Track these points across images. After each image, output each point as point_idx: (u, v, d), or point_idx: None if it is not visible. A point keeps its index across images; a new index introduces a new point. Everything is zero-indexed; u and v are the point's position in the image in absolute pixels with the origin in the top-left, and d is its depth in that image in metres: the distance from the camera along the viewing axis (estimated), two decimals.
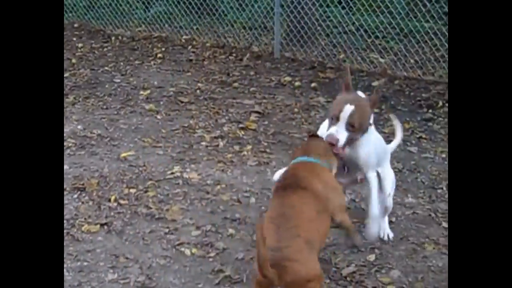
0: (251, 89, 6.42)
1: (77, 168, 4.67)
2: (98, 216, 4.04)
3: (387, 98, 6.04)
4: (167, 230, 3.89)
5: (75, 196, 4.27)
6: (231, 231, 3.88)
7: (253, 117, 5.68)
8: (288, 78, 6.68)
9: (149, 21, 8.80)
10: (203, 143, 5.14)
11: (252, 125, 5.50)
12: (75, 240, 3.77)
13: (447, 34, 6.54)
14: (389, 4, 7.02)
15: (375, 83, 6.35)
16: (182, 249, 3.70)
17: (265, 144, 5.14)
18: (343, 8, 7.45)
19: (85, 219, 4.00)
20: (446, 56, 6.61)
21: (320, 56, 7.20)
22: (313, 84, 6.52)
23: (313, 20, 7.42)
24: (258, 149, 5.04)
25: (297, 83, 6.54)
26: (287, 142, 5.18)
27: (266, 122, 5.58)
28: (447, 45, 6.50)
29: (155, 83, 6.61)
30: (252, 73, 6.91)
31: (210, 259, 3.60)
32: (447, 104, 5.72)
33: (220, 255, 3.64)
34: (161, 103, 6.05)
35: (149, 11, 9.04)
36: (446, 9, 6.88)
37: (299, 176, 3.05)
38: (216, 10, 8.44)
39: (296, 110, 5.86)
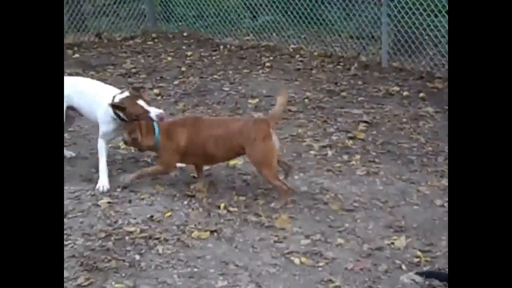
0: (359, 98, 6.34)
1: (187, 174, 4.76)
2: (208, 223, 4.09)
3: None
4: (276, 238, 3.89)
5: (185, 202, 4.34)
6: (340, 240, 3.83)
7: (361, 126, 5.61)
8: (396, 88, 6.55)
9: (257, 30, 8.89)
10: (312, 152, 5.12)
11: (361, 134, 5.42)
12: (185, 246, 3.83)
13: None
14: None
15: None
16: (291, 257, 3.68)
17: (374, 154, 5.06)
18: None
19: (195, 225, 4.05)
20: None
21: (429, 66, 7.03)
22: (421, 94, 6.36)
23: (421, 29, 7.23)
24: (366, 158, 4.97)
25: (405, 93, 6.41)
26: (396, 152, 5.07)
27: (374, 132, 5.49)
28: None
29: (264, 91, 6.66)
30: (360, 82, 6.82)
31: (320, 269, 3.57)
32: None
33: (329, 265, 3.59)
34: (270, 111, 6.06)
35: (257, 20, 9.13)
36: None
37: None
38: (324, 19, 8.41)
39: (404, 120, 5.73)
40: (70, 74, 7.22)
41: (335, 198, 4.35)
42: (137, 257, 3.66)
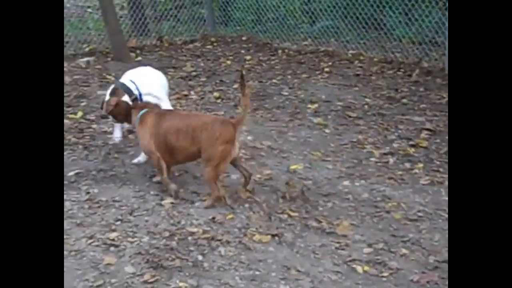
0: (421, 105, 6.25)
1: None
2: (269, 226, 4.08)
3: None
4: (338, 245, 3.85)
5: (247, 205, 4.35)
6: (404, 251, 3.77)
7: (424, 134, 5.52)
8: None
9: (315, 35, 8.86)
10: (372, 159, 5.07)
11: (423, 142, 5.34)
12: (247, 248, 3.83)
13: None
14: None
15: None
16: (354, 265, 3.64)
17: (438, 163, 4.97)
18: None
19: (256, 228, 4.05)
20: None
21: None
22: None
23: None
24: (430, 167, 4.88)
25: None
26: None
27: (438, 140, 5.40)
28: None
29: (323, 97, 6.63)
30: (421, 89, 6.73)
31: (384, 279, 3.51)
32: None
33: (393, 275, 3.54)
34: (329, 117, 6.05)
35: (315, 25, 9.11)
36: None
37: None
38: (384, 24, 8.33)
39: None
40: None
41: (397, 206, 4.29)
42: (200, 257, 3.68)
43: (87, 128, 5.73)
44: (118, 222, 4.05)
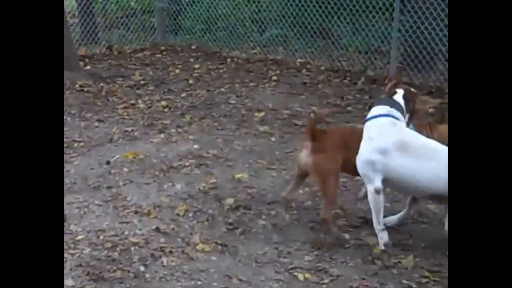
0: (365, 113, 6.31)
1: (193, 187, 4.77)
2: (212, 236, 4.09)
3: None
4: (280, 253, 3.89)
5: (191, 215, 4.35)
6: (345, 257, 3.83)
7: None
8: None
9: (264, 44, 8.93)
10: None
11: None
12: (189, 258, 3.82)
13: None
14: None
15: None
16: (296, 273, 3.67)
17: None
18: None
19: (199, 238, 4.06)
20: None
21: (438, 81, 7.04)
22: (430, 110, 6.34)
23: (433, 44, 7.25)
24: None
25: None
26: None
27: None
28: None
29: (270, 105, 6.68)
30: (366, 97, 6.84)
31: (324, 286, 3.56)
32: None
33: (334, 282, 3.59)
34: (275, 125, 6.10)
35: (264, 34, 9.18)
36: None
37: None
38: (332, 34, 8.44)
39: None
40: (81, 86, 7.32)
41: (340, 213, 4.35)
42: (142, 268, 3.67)
43: None
44: None
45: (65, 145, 5.45)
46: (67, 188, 4.66)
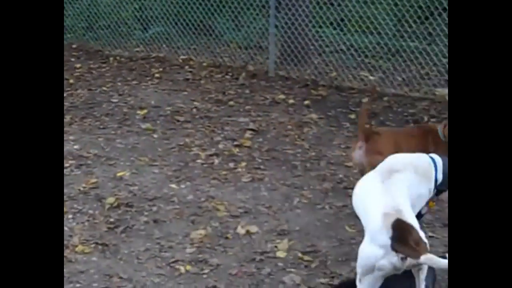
0: (246, 107, 6.49)
1: (72, 188, 4.72)
2: (92, 236, 4.08)
3: (376, 114, 6.11)
4: (161, 248, 3.94)
5: (70, 216, 4.32)
6: (225, 247, 3.93)
7: (247, 134, 5.75)
8: (282, 96, 6.76)
9: (147, 41, 8.89)
10: (199, 161, 5.20)
11: (247, 142, 5.56)
12: (68, 261, 3.80)
13: (431, 52, 6.87)
14: (377, 25, 7.27)
15: (364, 100, 6.41)
16: (177, 266, 3.75)
17: (259, 160, 5.21)
18: (335, 28, 7.72)
19: (79, 239, 4.04)
20: (431, 73, 6.96)
21: (313, 74, 7.30)
22: (306, 102, 6.59)
23: (306, 40, 7.51)
24: (252, 165, 5.10)
25: (290, 101, 6.62)
26: (280, 159, 5.24)
27: (260, 139, 5.65)
28: (431, 63, 6.87)
29: (152, 102, 6.69)
30: (247, 91, 6.98)
31: (204, 276, 3.65)
32: (432, 120, 5.85)
33: (214, 271, 3.69)
34: (158, 122, 6.12)
35: (147, 31, 9.14)
36: (430, 30, 7.28)
37: None
38: (213, 30, 8.53)
39: (289, 127, 5.93)
40: None
41: (221, 205, 4.45)
42: None
43: None
44: None
45: None
46: None
